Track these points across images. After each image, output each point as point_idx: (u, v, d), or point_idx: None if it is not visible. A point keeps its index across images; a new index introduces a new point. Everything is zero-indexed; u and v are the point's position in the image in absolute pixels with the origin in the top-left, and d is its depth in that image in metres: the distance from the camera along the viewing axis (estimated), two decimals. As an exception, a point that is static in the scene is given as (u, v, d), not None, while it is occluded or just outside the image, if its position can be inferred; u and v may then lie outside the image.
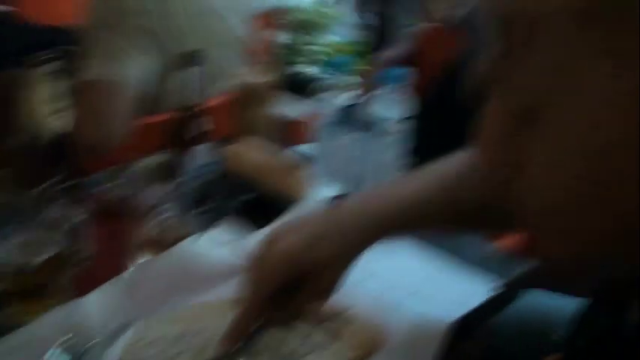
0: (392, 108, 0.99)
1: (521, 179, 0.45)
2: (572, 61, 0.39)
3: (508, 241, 1.42)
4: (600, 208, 0.41)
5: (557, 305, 1.16)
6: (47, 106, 0.86)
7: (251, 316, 0.69)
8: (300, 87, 1.98)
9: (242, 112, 1.28)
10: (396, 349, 0.80)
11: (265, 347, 0.78)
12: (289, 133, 1.50)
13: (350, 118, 1.04)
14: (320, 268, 0.68)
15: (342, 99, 1.05)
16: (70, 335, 0.78)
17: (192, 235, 0.96)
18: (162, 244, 0.95)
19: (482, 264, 0.98)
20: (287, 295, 0.68)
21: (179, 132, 1.05)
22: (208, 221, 1.03)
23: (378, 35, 2.65)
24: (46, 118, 0.86)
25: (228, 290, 0.90)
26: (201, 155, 1.07)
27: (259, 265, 0.66)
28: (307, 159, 1.23)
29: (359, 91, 1.03)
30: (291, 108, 1.23)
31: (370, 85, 1.27)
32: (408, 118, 1.05)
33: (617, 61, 0.37)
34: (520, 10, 0.42)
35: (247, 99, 1.26)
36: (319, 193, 1.14)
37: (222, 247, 0.95)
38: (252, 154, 1.18)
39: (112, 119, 1.13)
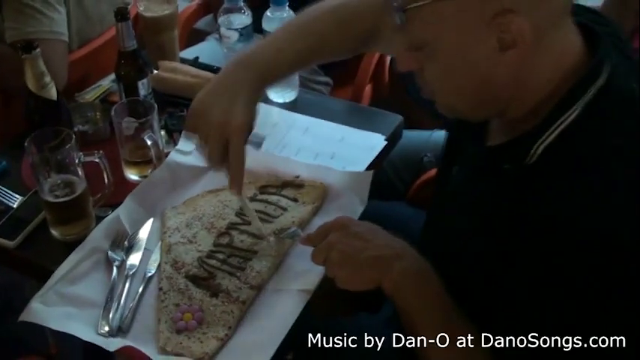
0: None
1: (423, 77, 0.85)
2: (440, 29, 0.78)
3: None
4: (464, 100, 0.84)
5: (423, 139, 1.61)
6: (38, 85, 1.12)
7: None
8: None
9: (151, 41, 1.54)
10: (336, 195, 1.20)
11: (252, 216, 1.15)
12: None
13: (247, 35, 1.32)
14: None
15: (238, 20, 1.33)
16: (116, 237, 1.11)
17: (163, 150, 1.27)
18: (141, 162, 1.26)
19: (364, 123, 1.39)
20: None
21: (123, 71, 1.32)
22: (168, 135, 1.34)
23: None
24: (40, 90, 1.12)
25: (204, 185, 1.24)
26: (143, 86, 1.34)
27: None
28: (215, 70, 1.53)
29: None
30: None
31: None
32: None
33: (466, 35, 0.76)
34: None
35: (155, 29, 1.52)
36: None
37: (188, 156, 1.28)
38: (174, 76, 1.46)
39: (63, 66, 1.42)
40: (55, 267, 1.07)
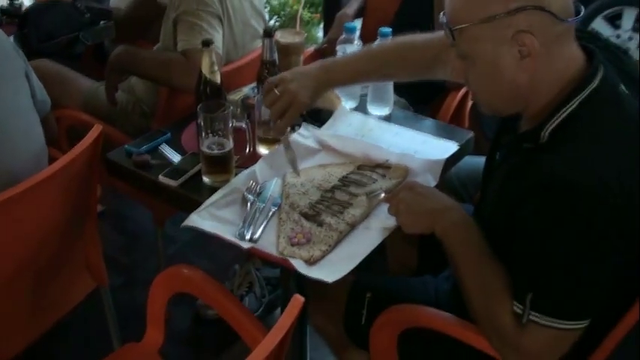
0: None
1: (468, 83, 1.21)
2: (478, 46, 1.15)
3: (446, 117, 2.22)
4: (497, 98, 1.21)
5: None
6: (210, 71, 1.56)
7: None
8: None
9: (283, 62, 1.97)
10: (415, 174, 1.57)
11: (351, 185, 1.53)
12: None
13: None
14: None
15: (350, 49, 1.77)
16: (251, 184, 1.51)
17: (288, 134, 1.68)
18: (271, 139, 1.67)
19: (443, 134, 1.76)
20: None
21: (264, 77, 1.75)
22: (290, 128, 1.76)
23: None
24: (210, 74, 1.56)
25: (317, 160, 1.64)
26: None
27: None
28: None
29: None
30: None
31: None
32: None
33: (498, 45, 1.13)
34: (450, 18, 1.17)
35: (286, 53, 1.96)
36: (345, 105, 1.87)
37: (306, 139, 1.69)
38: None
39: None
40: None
